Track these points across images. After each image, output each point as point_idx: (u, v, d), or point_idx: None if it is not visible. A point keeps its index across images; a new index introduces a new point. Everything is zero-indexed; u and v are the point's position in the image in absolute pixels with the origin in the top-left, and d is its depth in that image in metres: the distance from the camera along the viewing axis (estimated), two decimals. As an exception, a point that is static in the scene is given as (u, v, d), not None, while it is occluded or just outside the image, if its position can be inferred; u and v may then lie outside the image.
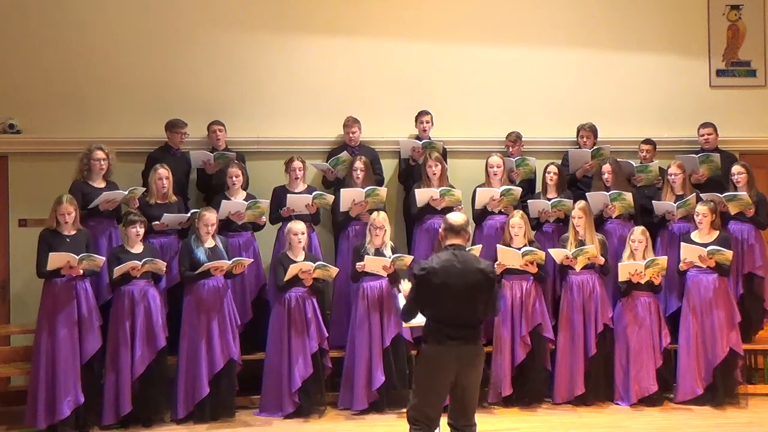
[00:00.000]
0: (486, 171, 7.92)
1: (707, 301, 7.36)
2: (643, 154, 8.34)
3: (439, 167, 7.81)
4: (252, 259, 7.39)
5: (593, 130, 8.35)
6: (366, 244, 7.35)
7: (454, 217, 5.35)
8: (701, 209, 7.43)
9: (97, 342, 6.85)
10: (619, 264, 7.40)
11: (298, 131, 8.40)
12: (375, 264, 7.20)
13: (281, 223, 7.68)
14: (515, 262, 7.28)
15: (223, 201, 7.52)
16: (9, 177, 8.15)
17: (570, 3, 8.87)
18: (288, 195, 7.70)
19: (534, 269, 7.33)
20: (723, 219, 7.77)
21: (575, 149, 8.38)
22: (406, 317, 5.40)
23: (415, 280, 5.22)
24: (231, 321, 7.13)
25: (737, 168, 7.84)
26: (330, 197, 7.80)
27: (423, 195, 7.71)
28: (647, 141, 8.36)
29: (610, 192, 7.78)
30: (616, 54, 8.87)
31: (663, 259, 7.34)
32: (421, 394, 5.19)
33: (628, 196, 7.78)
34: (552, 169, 7.96)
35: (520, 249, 7.30)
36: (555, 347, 7.42)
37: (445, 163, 7.98)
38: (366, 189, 7.68)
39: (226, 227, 7.52)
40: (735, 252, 7.50)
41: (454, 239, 5.27)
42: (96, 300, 6.98)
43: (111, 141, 7.68)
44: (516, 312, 7.34)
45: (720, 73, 9.00)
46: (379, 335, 7.22)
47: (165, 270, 7.08)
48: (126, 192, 7.31)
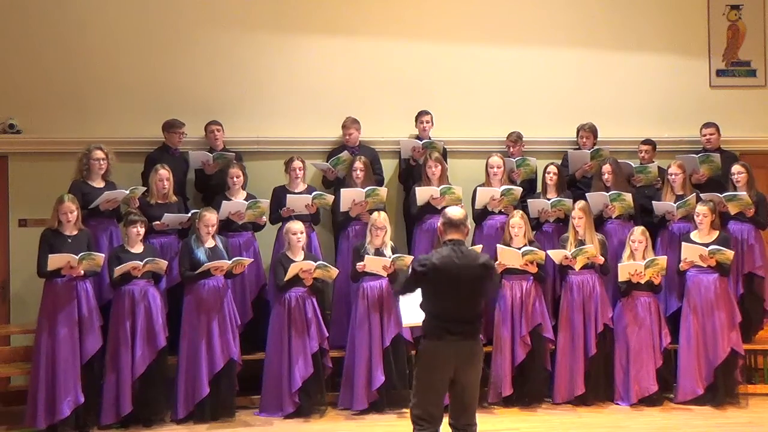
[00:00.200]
0: (486, 171, 7.92)
1: (708, 301, 7.36)
2: (642, 154, 8.33)
3: (439, 167, 7.81)
4: (252, 259, 7.39)
5: (593, 130, 8.35)
6: (366, 244, 7.35)
7: (453, 212, 5.32)
8: (701, 209, 7.43)
9: (98, 342, 6.85)
10: (619, 264, 7.40)
11: (298, 131, 8.40)
12: (375, 264, 7.20)
13: (281, 223, 7.68)
14: (515, 261, 7.28)
15: (224, 201, 7.52)
16: (9, 177, 8.15)
17: (570, 3, 8.87)
18: (287, 195, 7.70)
19: (534, 269, 7.34)
20: (723, 219, 7.77)
21: (574, 150, 8.38)
22: (397, 294, 5.39)
23: (414, 275, 5.22)
24: (231, 321, 7.13)
25: (737, 168, 7.83)
26: (330, 197, 7.79)
27: (423, 193, 7.71)
28: (647, 141, 8.36)
29: (609, 192, 7.79)
30: (616, 54, 8.87)
31: (663, 259, 7.35)
32: (421, 391, 5.18)
33: (627, 196, 7.78)
34: (552, 169, 7.96)
35: (520, 249, 7.31)
36: (555, 347, 7.43)
37: (446, 164, 7.98)
38: (366, 189, 7.67)
39: (226, 227, 7.52)
40: (735, 252, 7.49)
41: (453, 234, 5.25)
42: (97, 300, 6.99)
43: (111, 141, 7.67)
44: (516, 312, 7.34)
45: (720, 73, 9.00)
46: (379, 335, 7.22)
47: (165, 270, 7.09)
48: (127, 191, 7.31)
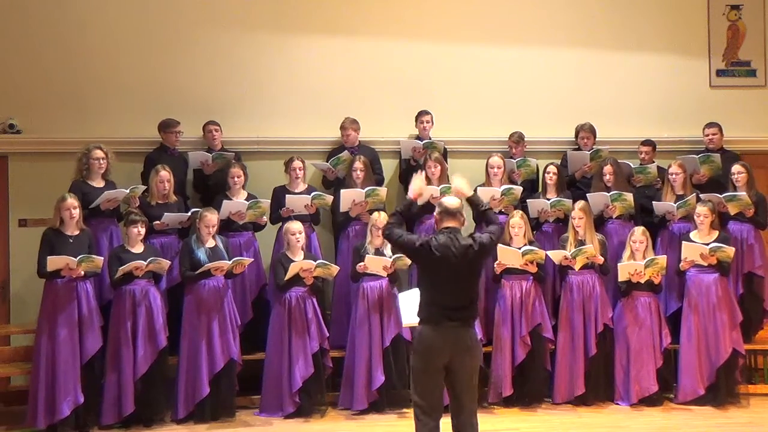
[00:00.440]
0: (486, 171, 7.92)
1: (709, 301, 7.36)
2: (643, 155, 8.32)
3: (439, 168, 7.81)
4: (252, 259, 7.38)
5: (593, 130, 8.34)
6: (366, 244, 7.35)
7: (449, 201, 5.44)
8: (701, 210, 7.43)
9: (98, 342, 6.85)
10: (619, 264, 7.40)
11: (297, 131, 8.40)
12: (375, 264, 7.20)
13: (281, 223, 7.67)
14: (515, 261, 7.28)
15: (224, 201, 7.51)
16: (9, 177, 8.14)
17: (570, 3, 8.87)
18: (287, 195, 7.70)
19: (534, 269, 7.34)
20: (722, 219, 7.76)
21: (574, 151, 8.37)
22: (385, 230, 5.48)
23: (419, 243, 5.25)
24: (231, 321, 7.13)
25: (737, 168, 7.83)
26: (329, 197, 7.79)
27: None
28: (647, 142, 8.35)
29: (610, 192, 7.78)
30: (616, 54, 8.86)
31: (662, 259, 7.34)
32: (417, 377, 5.21)
33: (628, 196, 7.78)
34: (551, 169, 7.96)
35: (519, 249, 7.30)
36: (555, 347, 7.43)
37: (446, 164, 7.97)
38: (366, 189, 7.67)
39: (226, 227, 7.51)
40: (735, 252, 7.48)
41: (449, 222, 5.35)
42: (98, 300, 6.99)
43: (111, 141, 7.67)
44: (516, 312, 7.34)
45: (720, 73, 8.99)
46: (379, 335, 7.23)
47: (166, 270, 7.09)
48: (127, 191, 7.30)
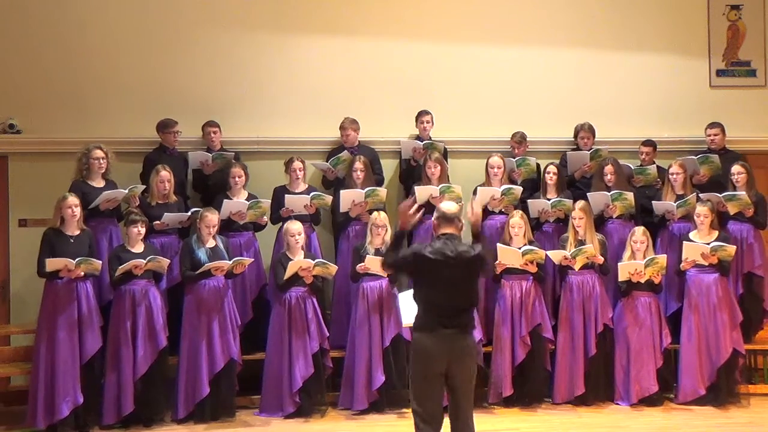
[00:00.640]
0: (486, 171, 7.92)
1: (709, 301, 7.36)
2: (643, 156, 8.32)
3: (439, 168, 7.81)
4: (252, 259, 7.38)
5: (592, 130, 8.34)
6: (366, 244, 7.35)
7: (446, 206, 5.36)
8: (701, 210, 7.43)
9: (98, 342, 6.85)
10: (620, 264, 7.39)
11: (297, 131, 8.40)
12: (375, 264, 7.19)
13: (281, 223, 7.67)
14: (515, 261, 7.28)
15: (225, 201, 7.51)
16: (9, 177, 8.14)
17: (570, 3, 8.87)
18: (286, 195, 7.70)
19: (534, 269, 7.34)
20: (722, 219, 7.75)
21: (573, 150, 8.37)
22: (386, 259, 5.44)
23: (411, 253, 5.23)
24: (231, 321, 7.13)
25: (737, 168, 7.82)
26: (328, 198, 7.79)
27: (423, 192, 7.68)
28: (648, 143, 8.33)
29: (611, 192, 7.78)
30: (616, 54, 8.86)
31: (662, 258, 7.34)
32: (416, 384, 5.18)
33: (629, 195, 7.77)
34: (552, 170, 7.96)
35: (519, 249, 7.30)
36: (555, 347, 7.42)
37: (446, 164, 7.97)
38: (366, 189, 7.67)
39: (227, 227, 7.51)
40: (735, 251, 7.49)
41: (447, 228, 5.27)
42: (98, 300, 6.99)
43: (111, 141, 7.67)
44: (516, 312, 7.34)
45: (720, 73, 8.99)
46: (379, 335, 7.22)
47: (166, 269, 7.09)
48: (126, 191, 7.31)
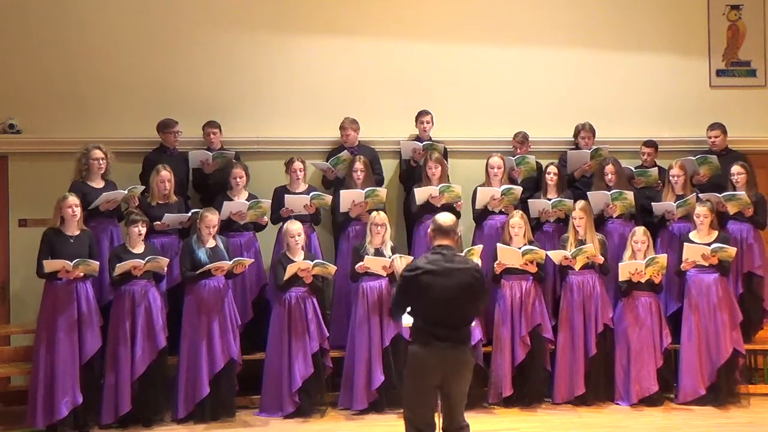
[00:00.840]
0: (486, 171, 7.92)
1: (709, 301, 7.36)
2: (645, 156, 8.31)
3: (439, 168, 7.80)
4: (252, 259, 7.38)
5: (593, 130, 8.34)
6: (366, 244, 7.35)
7: (442, 218, 5.28)
8: (700, 210, 7.42)
9: (97, 342, 6.85)
10: (620, 264, 7.39)
11: (297, 131, 8.40)
12: (375, 264, 7.20)
13: (282, 223, 7.67)
14: (515, 261, 7.28)
15: (225, 201, 7.51)
16: (9, 177, 8.15)
17: (570, 3, 8.86)
18: (286, 195, 7.70)
19: (534, 269, 7.33)
20: (722, 219, 7.75)
21: (574, 150, 8.37)
22: (393, 316, 5.46)
23: (403, 281, 5.16)
24: (231, 321, 7.13)
25: (736, 168, 7.82)
26: (328, 198, 7.79)
27: (422, 193, 7.70)
28: (649, 143, 8.32)
29: (611, 191, 7.78)
30: (616, 54, 8.86)
31: (663, 258, 7.33)
32: (410, 395, 5.16)
33: (629, 195, 7.76)
34: (552, 170, 7.95)
35: (519, 249, 7.30)
36: (555, 347, 7.42)
37: (446, 164, 7.97)
38: (366, 190, 7.67)
39: (227, 227, 7.51)
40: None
41: (442, 240, 5.21)
42: (97, 300, 6.99)
43: (111, 141, 7.68)
44: (516, 312, 7.34)
45: (720, 73, 8.99)
46: (379, 335, 7.22)
47: (165, 269, 7.09)
48: (125, 191, 7.31)
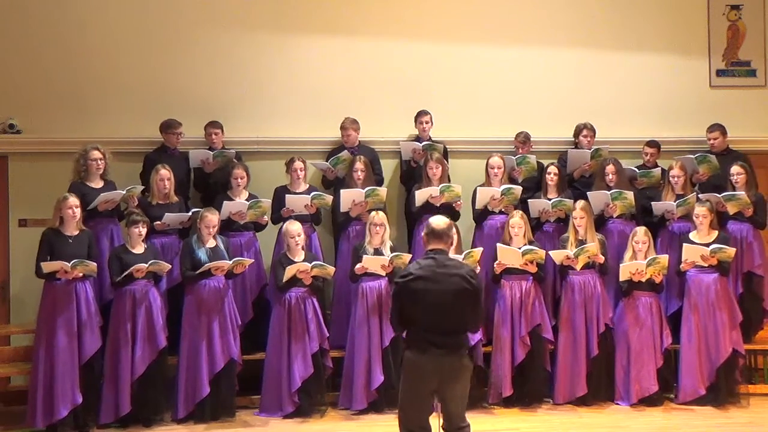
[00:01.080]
0: (486, 171, 7.91)
1: (709, 301, 7.35)
2: (647, 157, 8.30)
3: (440, 168, 7.80)
4: (252, 260, 7.38)
5: (593, 129, 8.34)
6: (365, 244, 7.35)
7: (436, 221, 5.22)
8: (700, 210, 7.42)
9: (97, 342, 6.85)
10: (621, 264, 7.38)
11: (297, 131, 8.40)
12: (374, 263, 7.20)
13: (282, 223, 7.67)
14: (515, 261, 7.28)
15: (225, 201, 7.51)
16: (9, 177, 8.15)
17: (570, 3, 8.87)
18: (287, 195, 7.70)
19: (534, 269, 7.33)
20: (722, 219, 7.75)
21: (574, 149, 8.37)
22: (395, 329, 5.51)
23: (396, 287, 5.13)
24: (231, 321, 7.13)
25: (736, 168, 7.82)
26: (329, 197, 7.79)
27: (422, 194, 7.70)
28: (652, 143, 8.32)
29: (611, 191, 7.78)
30: (616, 54, 8.86)
31: (664, 258, 7.33)
32: (406, 401, 5.13)
33: (629, 195, 7.76)
34: (552, 170, 7.95)
35: (519, 248, 7.30)
36: (555, 347, 7.42)
37: (446, 164, 7.97)
38: (366, 189, 7.67)
39: (227, 227, 7.51)
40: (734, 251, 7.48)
41: (435, 244, 5.16)
42: (97, 300, 6.99)
43: (111, 141, 7.69)
44: (515, 312, 7.34)
45: (720, 73, 8.99)
46: (379, 335, 7.22)
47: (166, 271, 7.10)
48: (123, 192, 7.31)
